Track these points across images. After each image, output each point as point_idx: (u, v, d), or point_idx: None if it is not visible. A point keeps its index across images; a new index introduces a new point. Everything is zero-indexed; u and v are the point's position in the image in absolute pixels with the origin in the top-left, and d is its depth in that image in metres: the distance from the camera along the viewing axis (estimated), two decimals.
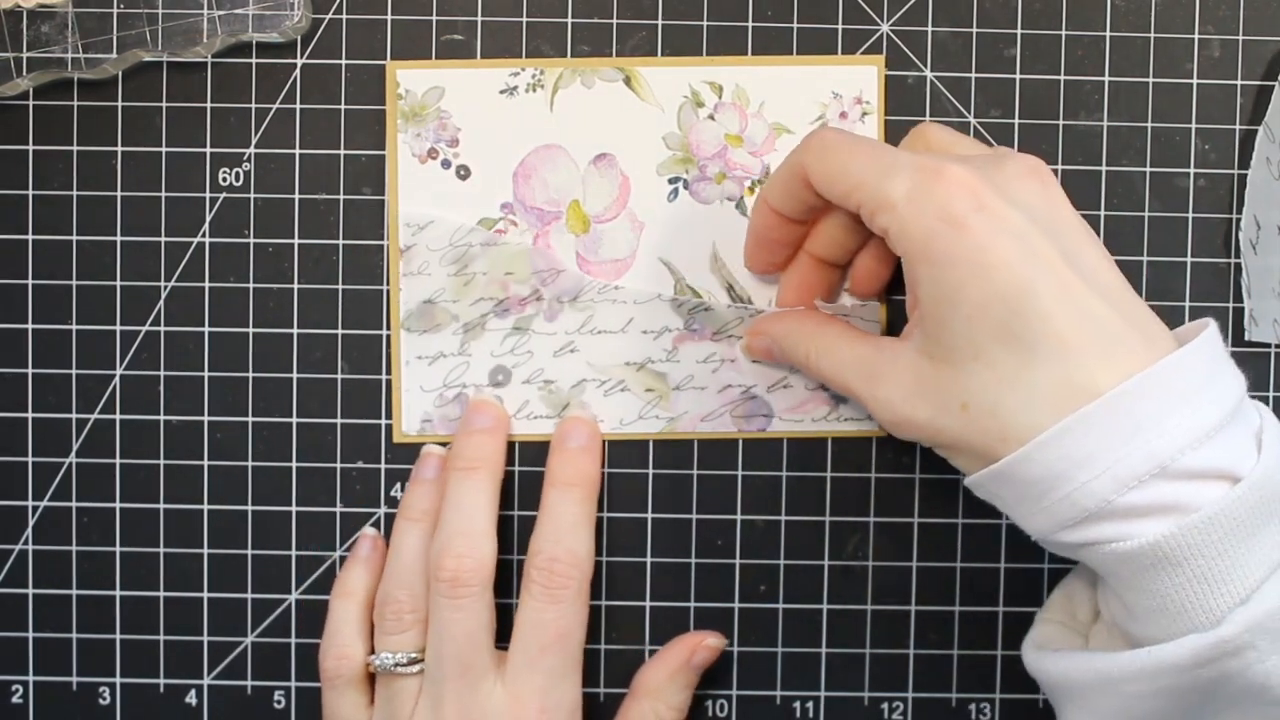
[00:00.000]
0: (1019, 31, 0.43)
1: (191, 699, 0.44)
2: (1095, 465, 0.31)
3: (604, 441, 0.43)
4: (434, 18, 0.43)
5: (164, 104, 0.43)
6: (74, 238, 0.43)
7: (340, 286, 0.43)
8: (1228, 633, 0.31)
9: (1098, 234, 0.42)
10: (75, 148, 0.43)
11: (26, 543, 0.43)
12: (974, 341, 0.33)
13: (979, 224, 0.33)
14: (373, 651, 0.41)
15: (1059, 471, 0.32)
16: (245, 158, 0.43)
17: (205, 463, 0.43)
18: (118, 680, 0.44)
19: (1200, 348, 0.33)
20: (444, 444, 0.43)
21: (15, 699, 0.44)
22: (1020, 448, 0.32)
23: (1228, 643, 0.31)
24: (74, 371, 0.43)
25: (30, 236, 0.43)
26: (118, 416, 0.43)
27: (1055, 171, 0.42)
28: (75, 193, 0.43)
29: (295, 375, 0.43)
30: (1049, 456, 0.32)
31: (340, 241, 0.43)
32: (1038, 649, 0.36)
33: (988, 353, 0.33)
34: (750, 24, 0.43)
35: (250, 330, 0.43)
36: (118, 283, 0.43)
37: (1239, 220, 0.43)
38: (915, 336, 0.35)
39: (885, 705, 0.44)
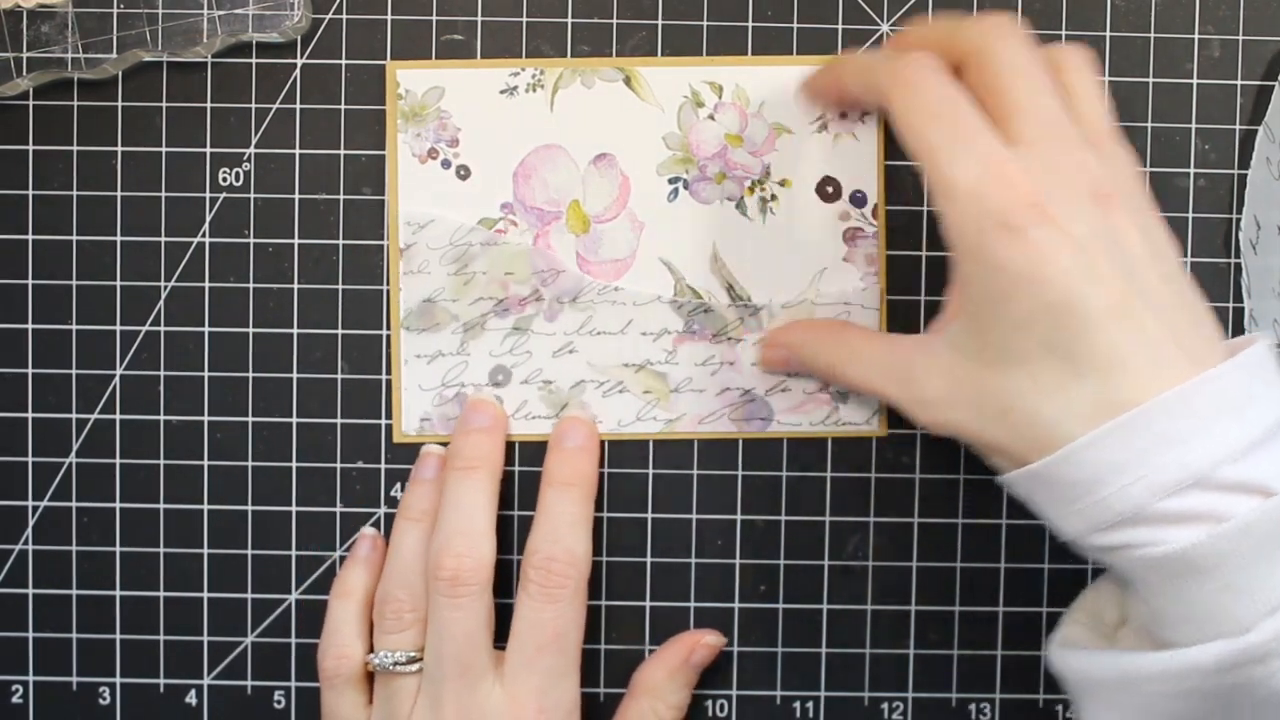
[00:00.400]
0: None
1: (191, 699, 0.44)
2: (1132, 472, 0.31)
3: (603, 442, 0.43)
4: (434, 18, 0.43)
5: (164, 104, 0.43)
6: (74, 238, 0.43)
7: (340, 286, 0.43)
8: (1255, 640, 0.31)
9: None
10: (75, 148, 0.43)
11: (26, 543, 0.43)
12: (1019, 348, 0.33)
13: (1038, 236, 0.32)
14: (372, 650, 0.41)
15: (1095, 476, 0.32)
16: (245, 158, 0.43)
17: (205, 463, 0.43)
18: (118, 680, 0.44)
19: (1244, 363, 0.33)
20: (444, 444, 0.43)
21: (15, 699, 0.44)
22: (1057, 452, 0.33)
23: (1255, 649, 0.31)
24: (74, 371, 0.43)
25: (30, 236, 0.43)
26: (118, 416, 0.43)
27: None
28: (75, 193, 0.43)
29: (295, 375, 0.43)
30: (1086, 460, 0.32)
31: (340, 241, 0.43)
32: (1064, 648, 0.36)
33: (1031, 360, 0.33)
34: (750, 24, 0.43)
35: (250, 330, 0.43)
36: (117, 283, 0.43)
37: (1239, 220, 0.43)
38: (953, 333, 0.35)
39: (885, 705, 0.44)
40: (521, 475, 0.43)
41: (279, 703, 0.44)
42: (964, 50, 0.36)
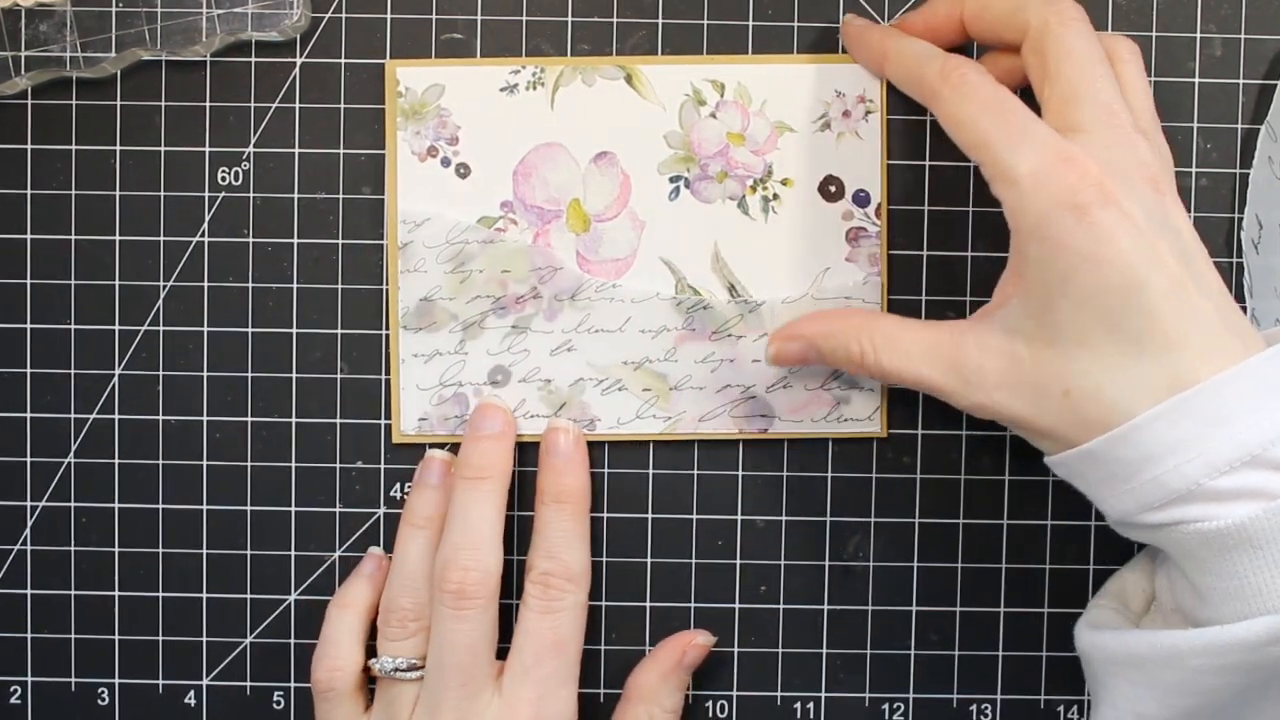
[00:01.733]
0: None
1: (190, 699, 0.43)
2: (1188, 450, 0.32)
3: (603, 442, 0.43)
4: (434, 17, 0.43)
5: (163, 103, 0.43)
6: (73, 237, 0.43)
7: (339, 286, 0.43)
8: None
9: None
10: (74, 147, 0.43)
11: (25, 543, 0.43)
12: (1081, 328, 0.34)
13: (1102, 218, 0.33)
14: (367, 664, 0.41)
15: (1151, 454, 0.33)
16: (244, 157, 0.43)
17: (204, 463, 0.43)
18: (116, 681, 0.43)
19: None
20: (443, 445, 0.43)
21: (14, 699, 0.43)
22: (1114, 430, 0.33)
23: None
24: (73, 371, 0.43)
25: (29, 236, 0.43)
26: (116, 416, 0.43)
27: None
28: (74, 192, 0.43)
29: (294, 375, 0.43)
30: (1143, 439, 0.33)
31: (339, 241, 0.43)
32: (1094, 628, 0.37)
33: (1094, 340, 0.34)
34: (751, 22, 0.43)
35: (249, 330, 0.43)
36: (116, 282, 0.43)
37: (1241, 219, 0.42)
38: (1008, 316, 0.35)
39: (886, 706, 0.43)
40: (522, 475, 0.43)
41: (278, 703, 0.43)
42: (1026, 25, 0.37)
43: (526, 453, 0.43)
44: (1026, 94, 0.37)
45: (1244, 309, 0.42)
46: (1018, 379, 0.35)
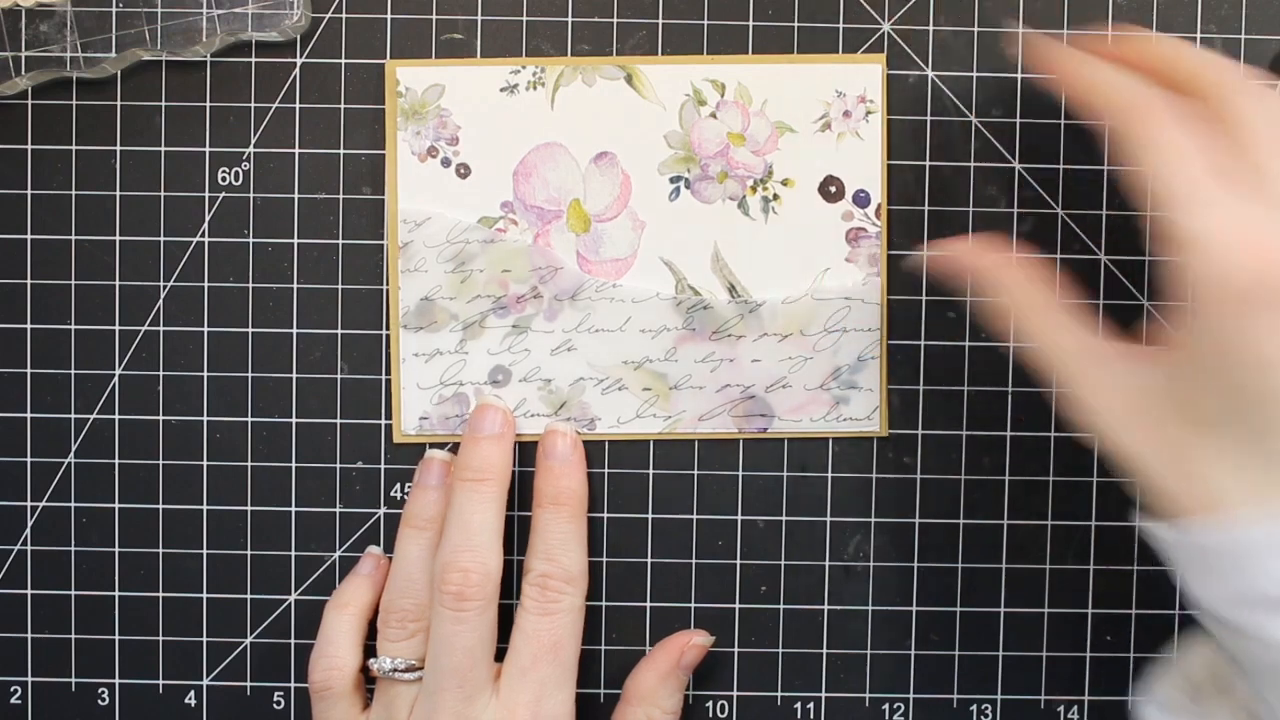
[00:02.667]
0: (1021, 31, 0.43)
1: (191, 700, 0.43)
2: None
3: (603, 442, 0.43)
4: (434, 17, 0.43)
5: (163, 103, 0.43)
6: (73, 237, 0.43)
7: (340, 286, 0.43)
8: None
9: (1099, 236, 0.43)
10: (74, 147, 0.43)
11: (25, 543, 0.43)
12: (1225, 411, 0.33)
13: (1273, 321, 0.32)
14: (366, 663, 0.41)
15: (1252, 550, 0.32)
16: (244, 157, 0.43)
17: (204, 463, 0.43)
18: (116, 681, 0.43)
19: None
20: (443, 445, 0.43)
21: (14, 700, 0.43)
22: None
23: None
24: (73, 371, 0.43)
25: (29, 236, 0.43)
26: (116, 417, 0.43)
27: (1056, 172, 0.43)
28: (74, 192, 0.43)
29: (294, 375, 0.43)
30: (1251, 533, 0.32)
31: (340, 241, 0.43)
32: (1163, 712, 0.36)
33: (1233, 429, 0.33)
34: (751, 23, 0.43)
35: (249, 330, 0.43)
36: (116, 282, 0.43)
37: None
38: (1167, 370, 0.34)
39: (886, 706, 0.43)
40: (521, 475, 0.43)
41: (278, 703, 0.43)
42: (1195, 88, 0.35)
43: (526, 452, 0.43)
44: None
45: None
46: (1152, 433, 0.34)
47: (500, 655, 0.40)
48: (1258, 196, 0.33)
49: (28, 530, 0.43)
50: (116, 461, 0.43)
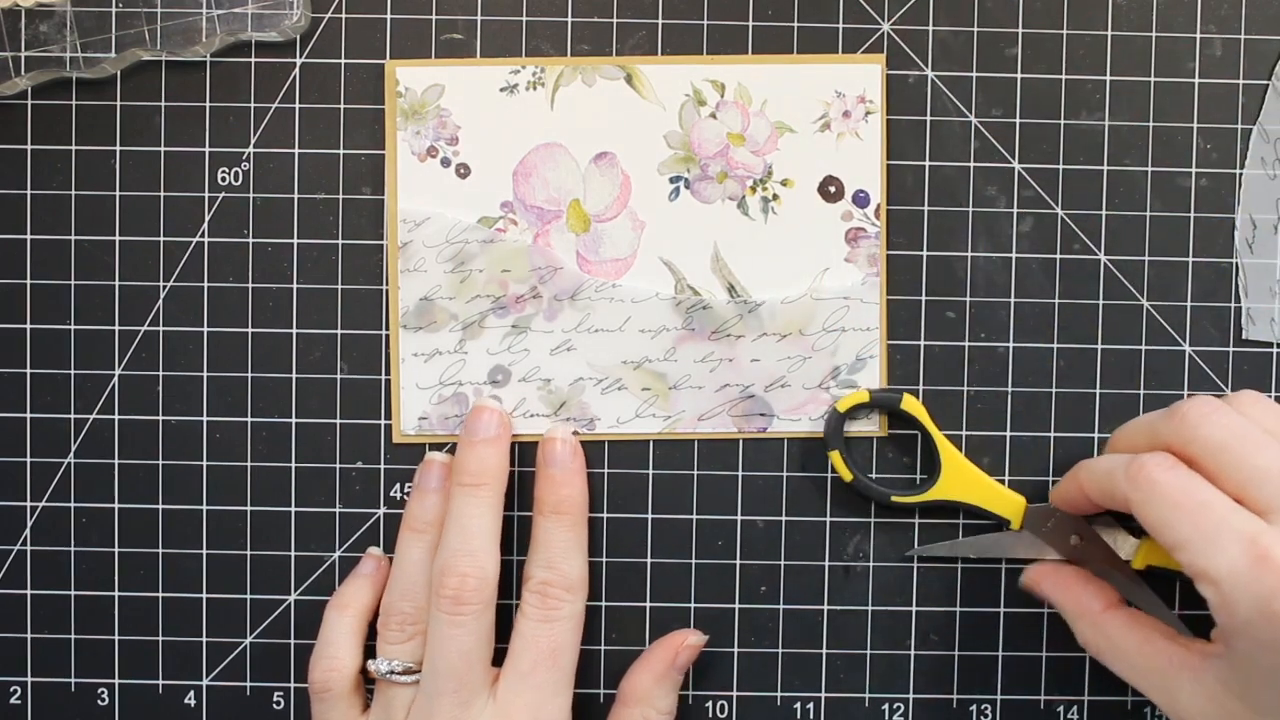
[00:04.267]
0: (1020, 30, 0.43)
1: (190, 700, 0.43)
2: None
3: (602, 442, 0.43)
4: (433, 17, 0.43)
5: (163, 103, 0.43)
6: (72, 237, 0.43)
7: (339, 286, 0.43)
8: None
9: (1099, 235, 0.43)
10: (74, 147, 0.43)
11: (25, 543, 0.43)
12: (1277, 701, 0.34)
13: None
14: (364, 665, 0.41)
15: None
16: (244, 157, 0.43)
17: (204, 463, 0.43)
18: (116, 681, 0.43)
19: None
20: (443, 445, 0.43)
21: (14, 700, 0.43)
22: None
23: None
24: (72, 371, 0.43)
25: (29, 236, 0.43)
26: (116, 417, 0.43)
27: (1056, 172, 0.43)
28: (74, 192, 0.43)
29: (294, 375, 0.43)
30: None
31: (339, 241, 0.43)
32: None
33: None
34: (750, 23, 0.43)
35: (249, 330, 0.43)
36: (116, 282, 0.43)
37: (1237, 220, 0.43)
38: (1221, 669, 0.36)
39: (886, 706, 0.43)
40: (521, 476, 0.43)
41: (278, 704, 0.43)
42: (1172, 446, 0.36)
43: (526, 453, 0.43)
44: None
45: (1239, 309, 0.43)
46: None
47: (498, 657, 0.40)
48: (1261, 503, 0.35)
49: (28, 530, 0.43)
50: (116, 461, 0.43)
